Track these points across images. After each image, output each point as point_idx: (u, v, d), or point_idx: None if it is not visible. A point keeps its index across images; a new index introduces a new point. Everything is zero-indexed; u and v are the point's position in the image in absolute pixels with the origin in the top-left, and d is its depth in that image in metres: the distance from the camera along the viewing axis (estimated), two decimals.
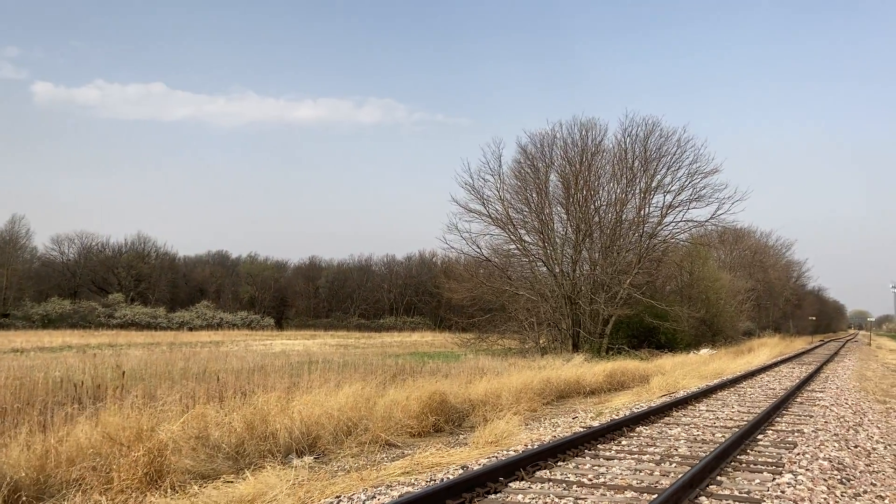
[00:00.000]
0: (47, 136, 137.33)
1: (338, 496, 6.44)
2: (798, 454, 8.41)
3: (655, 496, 6.08)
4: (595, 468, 7.67)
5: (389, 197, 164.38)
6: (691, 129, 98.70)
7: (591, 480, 7.04)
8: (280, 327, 76.41)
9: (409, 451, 9.22)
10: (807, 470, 7.45)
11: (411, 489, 6.59)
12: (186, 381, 11.96)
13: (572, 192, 34.37)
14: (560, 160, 35.31)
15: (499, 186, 34.56)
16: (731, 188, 48.06)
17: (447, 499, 5.97)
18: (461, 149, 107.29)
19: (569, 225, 35.06)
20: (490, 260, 35.58)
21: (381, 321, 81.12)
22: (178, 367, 16.04)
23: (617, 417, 11.45)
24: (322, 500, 6.32)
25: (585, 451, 8.62)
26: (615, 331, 33.57)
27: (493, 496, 6.40)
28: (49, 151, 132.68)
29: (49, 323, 59.95)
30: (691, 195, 34.31)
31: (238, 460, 8.17)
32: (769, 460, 8.18)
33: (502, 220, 34.40)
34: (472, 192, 34.26)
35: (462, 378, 15.33)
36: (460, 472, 7.33)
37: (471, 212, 34.19)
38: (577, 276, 34.32)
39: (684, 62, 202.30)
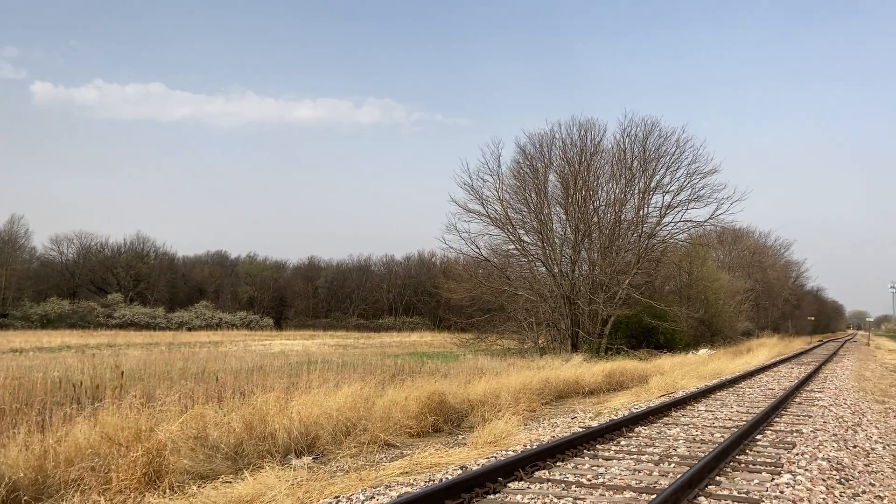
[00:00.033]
0: (46, 136, 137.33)
1: (336, 496, 6.43)
2: (797, 454, 8.42)
3: (654, 496, 6.08)
4: (594, 468, 7.67)
5: (389, 197, 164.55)
6: (691, 130, 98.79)
7: (590, 481, 7.05)
8: (279, 327, 76.40)
9: (407, 452, 9.21)
10: (805, 470, 7.46)
11: (410, 489, 6.59)
12: (185, 382, 11.96)
13: (571, 192, 34.36)
14: (559, 160, 35.34)
15: (498, 187, 34.59)
16: (730, 188, 48.04)
17: (446, 499, 5.96)
18: (460, 149, 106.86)
19: (567, 225, 35.04)
20: (489, 260, 35.56)
21: (380, 321, 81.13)
22: (177, 367, 16.06)
23: (616, 417, 11.45)
24: (321, 501, 6.32)
25: (584, 451, 8.62)
26: (614, 331, 33.57)
27: (491, 496, 6.40)
28: (48, 151, 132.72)
29: (48, 323, 59.92)
30: (690, 195, 34.29)
31: (237, 460, 8.16)
32: (768, 460, 8.19)
33: (501, 220, 34.41)
34: (472, 193, 34.29)
35: (461, 378, 15.32)
36: (459, 472, 7.33)
37: (470, 212, 34.21)
38: (576, 276, 34.30)
39: (684, 62, 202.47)
